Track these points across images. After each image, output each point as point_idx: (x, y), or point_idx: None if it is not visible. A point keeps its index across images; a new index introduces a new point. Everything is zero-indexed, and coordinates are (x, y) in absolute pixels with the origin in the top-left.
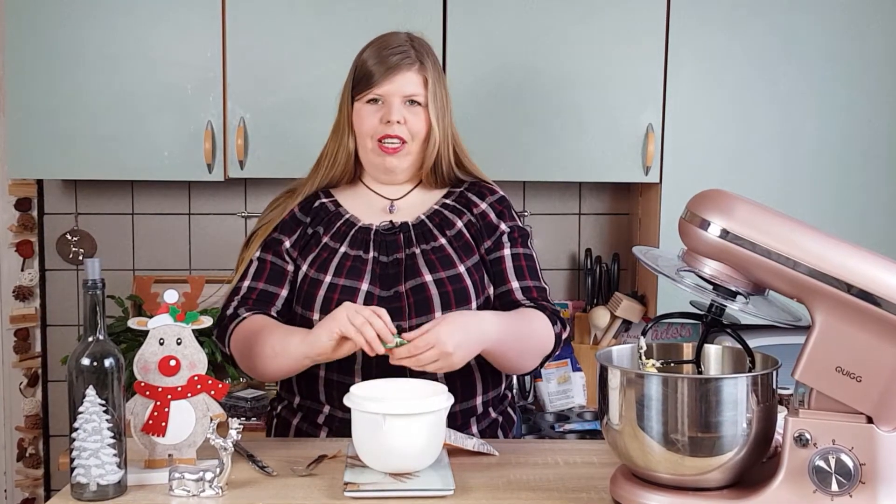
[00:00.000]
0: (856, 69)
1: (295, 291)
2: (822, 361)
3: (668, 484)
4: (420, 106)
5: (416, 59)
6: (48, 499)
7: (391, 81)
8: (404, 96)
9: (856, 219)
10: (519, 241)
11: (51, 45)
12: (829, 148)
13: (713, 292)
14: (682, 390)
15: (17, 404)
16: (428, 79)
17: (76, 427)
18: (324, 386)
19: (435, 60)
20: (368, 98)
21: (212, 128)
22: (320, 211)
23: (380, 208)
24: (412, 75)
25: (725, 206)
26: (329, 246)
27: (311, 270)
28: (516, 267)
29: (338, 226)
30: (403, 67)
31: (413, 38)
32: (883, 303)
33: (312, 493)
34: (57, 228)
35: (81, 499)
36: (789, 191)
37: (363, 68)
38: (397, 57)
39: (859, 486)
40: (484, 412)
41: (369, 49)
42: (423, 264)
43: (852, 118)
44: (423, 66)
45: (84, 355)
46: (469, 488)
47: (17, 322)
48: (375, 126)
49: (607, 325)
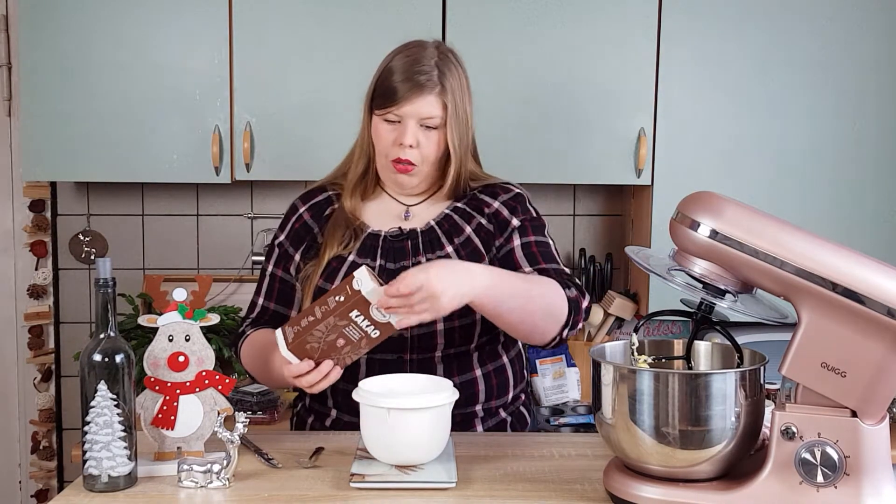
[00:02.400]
0: (843, 74)
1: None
2: (807, 357)
3: (659, 476)
4: (435, 129)
5: (439, 81)
6: (61, 490)
7: (410, 103)
8: (420, 119)
9: (842, 220)
10: (530, 230)
11: (63, 53)
12: (816, 151)
13: (703, 291)
14: (673, 385)
15: (32, 399)
16: (447, 103)
17: (88, 420)
18: (331, 391)
19: (460, 77)
20: (386, 117)
21: (219, 132)
22: (331, 217)
23: (395, 214)
24: (432, 98)
25: (715, 207)
26: (337, 255)
27: (319, 280)
28: (528, 254)
29: (347, 233)
30: (425, 91)
31: (442, 53)
32: (867, 301)
33: (317, 484)
34: (70, 229)
35: (93, 490)
36: (777, 192)
37: (387, 83)
38: (422, 78)
39: (844, 478)
40: (487, 415)
41: (397, 60)
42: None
43: (839, 122)
44: (444, 90)
45: (96, 351)
46: (470, 480)
47: (31, 319)
48: (389, 145)
49: (601, 322)
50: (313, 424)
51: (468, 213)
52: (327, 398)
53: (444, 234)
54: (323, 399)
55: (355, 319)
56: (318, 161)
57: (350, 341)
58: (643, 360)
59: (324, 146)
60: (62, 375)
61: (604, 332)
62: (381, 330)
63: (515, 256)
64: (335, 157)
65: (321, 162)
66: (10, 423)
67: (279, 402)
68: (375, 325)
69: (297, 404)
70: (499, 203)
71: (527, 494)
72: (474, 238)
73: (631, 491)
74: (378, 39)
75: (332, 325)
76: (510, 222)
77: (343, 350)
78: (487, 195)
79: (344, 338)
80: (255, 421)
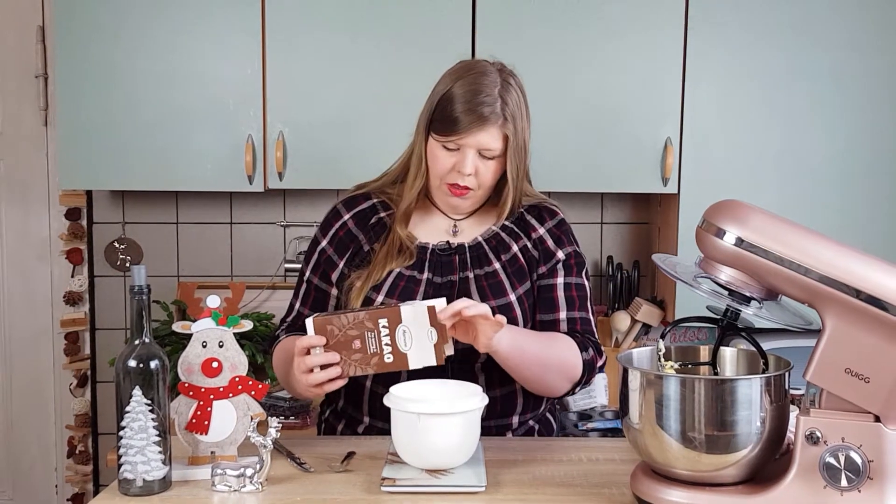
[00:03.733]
0: (857, 87)
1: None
2: (832, 363)
3: (685, 480)
4: (492, 160)
5: (502, 113)
6: (97, 493)
7: (472, 135)
8: (481, 149)
9: (859, 227)
10: (574, 270)
11: (98, 63)
12: (834, 160)
13: (728, 298)
14: (699, 391)
15: (68, 404)
16: (509, 135)
17: (123, 425)
18: (368, 397)
19: (521, 106)
20: (446, 144)
21: (252, 141)
22: (377, 226)
23: (443, 229)
24: (494, 130)
25: (740, 215)
26: (384, 265)
27: (365, 288)
28: (567, 297)
29: (394, 245)
30: (488, 123)
31: (504, 80)
32: (890, 308)
33: (348, 488)
34: (105, 237)
35: (128, 494)
36: (801, 201)
37: (448, 110)
38: (485, 110)
39: (867, 482)
40: (520, 426)
41: (459, 87)
42: (475, 291)
43: (854, 133)
44: (506, 122)
45: (131, 357)
46: (499, 484)
47: (67, 326)
48: (447, 171)
49: (628, 328)
50: (343, 430)
51: (515, 232)
52: (363, 404)
53: (492, 251)
54: (358, 404)
55: (380, 329)
56: (350, 170)
57: (364, 350)
58: (670, 365)
59: (355, 155)
60: (98, 381)
61: (631, 339)
62: (395, 358)
63: (556, 295)
64: (366, 165)
65: (352, 170)
66: (46, 427)
67: (311, 407)
68: (394, 348)
69: (324, 410)
70: (544, 230)
71: (555, 498)
72: (520, 257)
73: (658, 495)
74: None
75: (359, 321)
76: (555, 254)
77: (353, 355)
78: (534, 217)
79: (361, 341)
80: (287, 426)
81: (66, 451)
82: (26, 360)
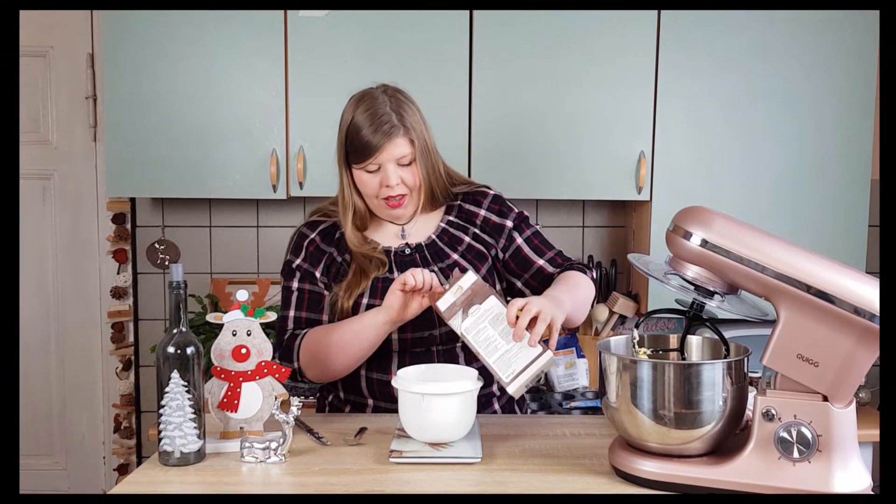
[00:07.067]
0: (807, 107)
1: (334, 316)
2: (785, 350)
3: (656, 452)
4: (411, 165)
5: (401, 123)
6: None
7: (384, 151)
8: (397, 160)
9: (809, 230)
10: (524, 225)
11: (142, 86)
12: (787, 171)
13: (694, 292)
14: (669, 374)
15: (114, 386)
16: (414, 139)
17: (163, 404)
18: (366, 383)
19: (415, 111)
20: (367, 168)
21: (276, 155)
22: (342, 241)
23: (394, 234)
24: (400, 140)
25: (705, 219)
26: (361, 278)
27: (346, 295)
28: (534, 248)
29: (364, 259)
30: (393, 135)
31: (391, 97)
32: (837, 301)
33: (361, 459)
34: (147, 238)
35: (167, 464)
36: (759, 206)
37: (357, 140)
38: (386, 127)
39: (816, 454)
40: (502, 392)
41: (358, 116)
42: (443, 279)
43: (805, 147)
44: (407, 130)
45: (169, 344)
46: (493, 455)
47: (113, 317)
48: (377, 190)
49: (606, 319)
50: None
51: (462, 224)
52: (362, 388)
53: (447, 245)
54: (358, 391)
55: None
56: None
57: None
58: (643, 352)
59: None
60: (140, 365)
61: (609, 328)
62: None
63: (525, 253)
64: None
65: None
66: (95, 406)
67: None
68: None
69: (327, 395)
70: (485, 211)
71: (542, 468)
72: (475, 244)
73: (632, 465)
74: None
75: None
76: (504, 225)
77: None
78: (471, 204)
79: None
80: (307, 405)
81: (113, 427)
82: (78, 347)
